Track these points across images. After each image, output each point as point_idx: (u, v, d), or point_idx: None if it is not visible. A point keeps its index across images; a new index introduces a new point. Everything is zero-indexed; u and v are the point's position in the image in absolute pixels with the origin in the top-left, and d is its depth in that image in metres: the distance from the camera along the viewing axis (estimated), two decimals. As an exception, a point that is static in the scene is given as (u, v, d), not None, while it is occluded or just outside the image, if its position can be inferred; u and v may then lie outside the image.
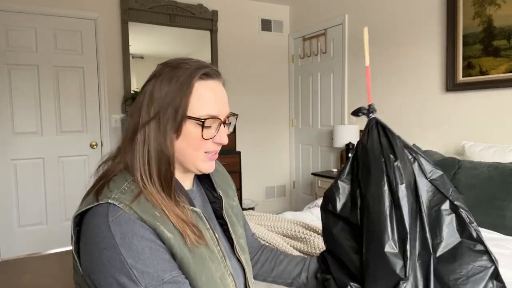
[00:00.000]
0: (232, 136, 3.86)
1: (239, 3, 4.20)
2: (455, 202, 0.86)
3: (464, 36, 2.66)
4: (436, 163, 2.38)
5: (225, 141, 0.79)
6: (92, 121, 3.50)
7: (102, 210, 0.68)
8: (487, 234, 1.85)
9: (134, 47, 3.63)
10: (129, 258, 0.65)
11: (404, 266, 0.79)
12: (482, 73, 2.57)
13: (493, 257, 0.83)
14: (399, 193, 0.81)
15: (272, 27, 4.42)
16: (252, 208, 4.17)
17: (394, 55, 3.24)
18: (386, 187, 0.82)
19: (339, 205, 0.93)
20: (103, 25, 3.47)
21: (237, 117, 0.85)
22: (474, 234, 0.84)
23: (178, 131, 0.74)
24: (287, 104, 4.61)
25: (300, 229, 1.68)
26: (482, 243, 0.84)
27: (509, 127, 2.48)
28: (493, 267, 0.82)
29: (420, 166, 0.89)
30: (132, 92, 3.60)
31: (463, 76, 2.69)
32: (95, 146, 3.51)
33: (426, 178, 0.88)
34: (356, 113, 0.93)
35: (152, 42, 3.86)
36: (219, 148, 0.81)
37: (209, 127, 0.76)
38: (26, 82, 3.22)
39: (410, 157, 0.89)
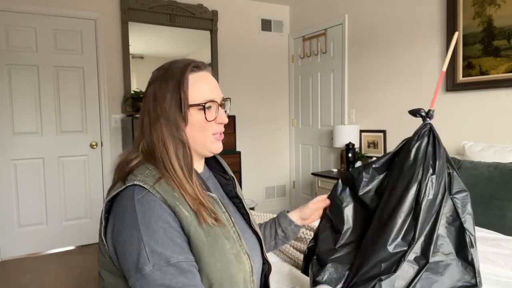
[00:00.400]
0: (232, 136, 3.86)
1: (239, 3, 4.20)
2: (465, 224, 0.90)
3: (464, 36, 2.66)
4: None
5: (226, 120, 0.89)
6: (92, 121, 3.50)
7: (129, 192, 0.76)
8: (487, 234, 1.85)
9: (134, 47, 3.63)
10: (145, 236, 0.72)
11: (398, 264, 0.84)
12: (482, 73, 2.57)
13: (478, 281, 0.88)
14: (423, 205, 0.84)
15: (272, 27, 4.42)
16: (252, 208, 4.17)
17: (394, 55, 3.24)
18: (413, 195, 0.85)
19: (362, 190, 0.97)
20: (103, 25, 3.47)
21: (230, 100, 0.95)
22: (469, 257, 0.89)
23: (185, 120, 0.83)
24: (287, 104, 4.61)
25: (303, 230, 1.68)
26: (473, 266, 0.88)
27: (509, 127, 2.48)
28: None
29: (450, 180, 0.92)
30: (132, 92, 3.59)
31: (463, 76, 2.69)
32: (95, 146, 3.51)
33: (450, 194, 0.91)
34: (414, 113, 0.96)
35: (152, 42, 3.86)
36: (222, 128, 0.90)
37: (210, 109, 0.86)
38: (26, 82, 3.22)
39: (448, 171, 0.92)
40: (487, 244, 1.71)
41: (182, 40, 3.94)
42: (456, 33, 0.97)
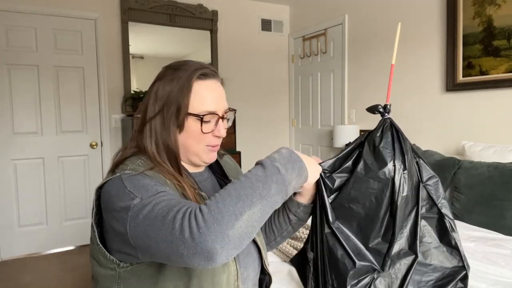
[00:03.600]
0: (232, 136, 3.86)
1: (239, 3, 4.20)
2: (442, 210, 0.91)
3: (464, 36, 2.66)
4: (436, 163, 2.38)
5: (223, 134, 0.87)
6: (92, 121, 3.50)
7: (117, 178, 0.76)
8: (487, 234, 1.85)
9: (134, 47, 3.63)
10: (130, 186, 0.72)
11: (384, 261, 0.84)
12: (482, 73, 2.57)
13: (465, 264, 0.88)
14: (398, 203, 0.83)
15: (272, 27, 4.42)
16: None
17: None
18: (388, 194, 0.84)
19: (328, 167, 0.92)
20: (103, 25, 3.47)
21: (235, 112, 0.93)
22: (453, 242, 0.89)
23: (180, 126, 0.82)
24: (287, 104, 4.61)
25: (300, 229, 1.68)
26: (458, 250, 0.89)
27: (509, 127, 2.48)
28: (463, 272, 0.87)
29: (419, 169, 0.92)
30: (132, 92, 3.59)
31: (463, 76, 2.69)
32: (95, 146, 3.51)
33: (422, 182, 0.91)
34: (372, 110, 0.94)
35: (152, 42, 3.86)
36: (219, 141, 0.88)
37: (208, 122, 0.84)
38: (26, 82, 3.22)
39: (416, 160, 0.92)
40: (487, 244, 1.71)
41: (182, 40, 3.93)
42: (399, 24, 0.97)
